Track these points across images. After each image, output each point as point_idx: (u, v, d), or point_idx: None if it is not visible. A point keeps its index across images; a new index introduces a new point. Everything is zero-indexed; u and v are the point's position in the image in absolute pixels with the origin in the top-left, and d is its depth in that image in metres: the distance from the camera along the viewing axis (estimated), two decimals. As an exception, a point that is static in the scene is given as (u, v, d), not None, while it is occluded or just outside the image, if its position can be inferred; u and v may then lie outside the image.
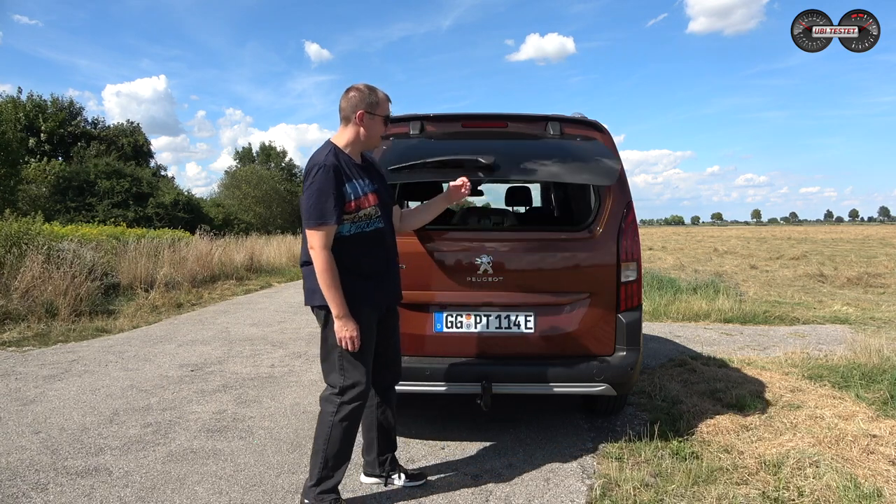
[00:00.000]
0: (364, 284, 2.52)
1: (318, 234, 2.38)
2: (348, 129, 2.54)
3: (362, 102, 2.51)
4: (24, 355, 5.66)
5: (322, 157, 2.44)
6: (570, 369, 3.11)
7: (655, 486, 2.75)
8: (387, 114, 2.60)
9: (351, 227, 2.48)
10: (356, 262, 2.49)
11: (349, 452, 2.56)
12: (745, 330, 7.08)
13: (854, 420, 3.47)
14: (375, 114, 2.54)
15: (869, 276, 12.71)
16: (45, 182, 25.57)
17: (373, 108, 2.53)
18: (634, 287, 3.22)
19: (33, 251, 7.93)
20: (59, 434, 3.52)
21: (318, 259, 2.38)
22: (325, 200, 2.37)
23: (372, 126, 2.54)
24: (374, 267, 2.56)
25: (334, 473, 2.51)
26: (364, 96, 2.52)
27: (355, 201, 2.46)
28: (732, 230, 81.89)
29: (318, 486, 2.49)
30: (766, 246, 27.68)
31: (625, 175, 3.36)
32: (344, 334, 2.42)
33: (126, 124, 37.11)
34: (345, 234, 2.47)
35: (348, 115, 2.52)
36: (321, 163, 2.42)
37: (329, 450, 2.49)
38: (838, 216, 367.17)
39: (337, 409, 2.50)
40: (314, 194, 2.38)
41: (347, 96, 2.53)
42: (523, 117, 3.49)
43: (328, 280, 2.38)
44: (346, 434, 2.51)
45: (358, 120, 2.51)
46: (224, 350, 6.00)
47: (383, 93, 2.58)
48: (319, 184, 2.38)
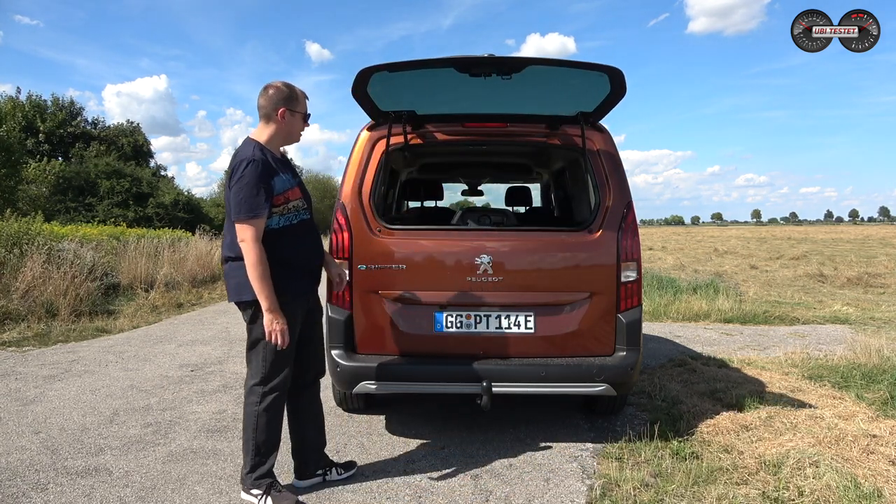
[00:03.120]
0: (292, 276, 2.59)
1: (249, 227, 2.43)
2: (269, 125, 2.60)
3: (282, 100, 2.57)
4: (24, 355, 5.66)
5: (249, 152, 2.50)
6: (570, 369, 3.11)
7: (655, 486, 2.75)
8: (306, 110, 2.68)
9: (280, 219, 2.56)
10: (285, 254, 2.56)
11: (278, 438, 2.65)
12: (745, 330, 7.08)
13: (854, 420, 3.47)
14: (296, 111, 2.62)
15: (869, 276, 12.70)
16: (45, 182, 25.57)
17: (293, 104, 2.60)
18: (634, 287, 3.22)
19: (33, 251, 7.93)
20: (59, 434, 3.52)
21: (250, 252, 2.42)
22: (256, 194, 2.43)
23: (292, 122, 2.63)
24: (302, 259, 2.65)
25: (266, 460, 2.62)
26: (283, 94, 2.58)
27: (283, 194, 2.55)
28: (732, 230, 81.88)
29: (254, 473, 2.61)
30: (766, 246, 27.67)
31: (625, 175, 3.37)
32: (274, 327, 2.46)
33: (126, 124, 37.17)
34: (274, 227, 2.54)
35: (269, 113, 2.58)
36: (249, 158, 2.47)
37: (258, 438, 2.59)
38: (838, 216, 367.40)
39: (260, 399, 2.59)
40: (244, 188, 2.43)
41: (267, 94, 2.59)
42: (524, 117, 3.49)
43: (260, 272, 2.42)
44: (271, 422, 2.61)
45: (279, 117, 2.58)
46: (224, 350, 6.00)
47: (301, 90, 2.66)
48: (249, 178, 2.43)
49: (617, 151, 3.42)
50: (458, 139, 3.59)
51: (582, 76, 2.95)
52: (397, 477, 2.94)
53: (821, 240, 34.46)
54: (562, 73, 2.96)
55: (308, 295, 2.72)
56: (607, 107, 3.25)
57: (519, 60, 2.86)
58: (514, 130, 3.53)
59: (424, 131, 3.51)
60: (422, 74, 2.96)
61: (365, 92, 3.03)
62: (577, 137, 3.40)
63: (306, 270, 2.68)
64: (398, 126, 3.39)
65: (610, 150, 3.40)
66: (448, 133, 3.53)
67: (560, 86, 3.11)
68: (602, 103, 3.21)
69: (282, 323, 2.47)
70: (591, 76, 2.93)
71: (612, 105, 3.23)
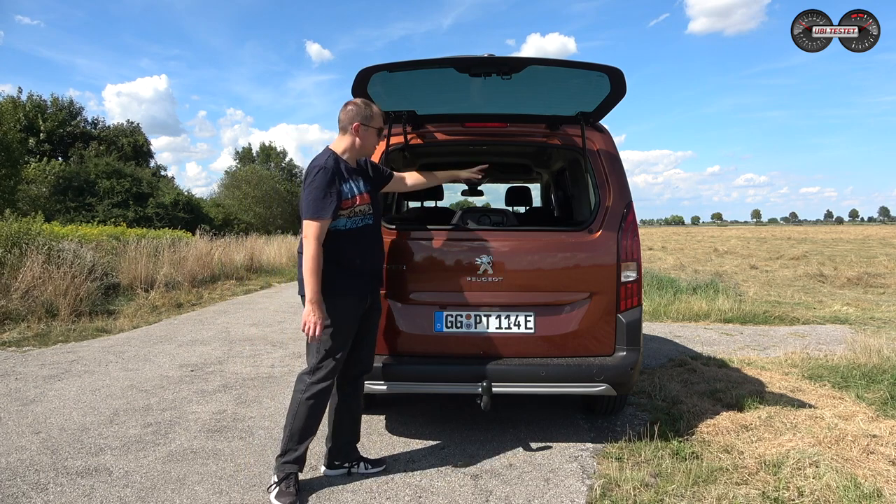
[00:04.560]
0: (354, 276, 2.79)
1: (313, 225, 2.63)
2: (345, 138, 2.82)
3: (358, 115, 2.79)
4: (24, 355, 5.66)
5: (323, 160, 2.73)
6: (570, 369, 3.11)
7: (655, 486, 2.75)
8: (380, 126, 2.87)
9: (346, 222, 2.77)
10: (348, 254, 2.77)
11: (315, 428, 2.79)
12: (745, 330, 7.08)
13: (854, 420, 3.47)
14: (370, 126, 2.81)
15: (869, 276, 12.70)
16: (45, 182, 25.57)
17: (367, 120, 2.80)
18: (634, 287, 3.22)
19: (33, 251, 7.93)
20: (59, 434, 3.52)
21: (309, 247, 2.62)
22: (323, 197, 2.64)
23: (366, 137, 2.82)
24: (364, 259, 2.83)
25: (298, 446, 2.75)
26: (360, 110, 2.80)
27: (351, 199, 2.76)
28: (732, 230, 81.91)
29: (283, 457, 2.75)
30: (766, 246, 27.67)
31: (625, 175, 3.37)
32: (310, 319, 2.61)
33: (126, 124, 37.17)
34: (341, 229, 2.75)
35: (345, 126, 2.81)
36: (321, 165, 2.70)
37: (295, 424, 2.73)
38: (838, 216, 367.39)
39: (306, 388, 2.75)
40: (313, 191, 2.65)
41: (346, 109, 2.81)
42: (524, 117, 3.49)
43: (312, 266, 2.61)
44: (312, 412, 2.74)
45: (354, 131, 2.79)
46: (224, 350, 6.00)
47: (378, 108, 2.87)
48: (319, 182, 2.66)
49: (617, 151, 3.42)
50: (459, 139, 3.59)
51: (582, 76, 2.95)
52: (397, 477, 2.94)
53: (821, 240, 34.49)
54: (562, 73, 2.96)
55: (368, 294, 2.88)
56: (607, 107, 3.25)
57: (519, 60, 2.86)
58: (514, 130, 3.53)
59: (424, 131, 3.51)
60: (422, 74, 2.97)
61: (365, 92, 3.04)
62: (577, 137, 3.41)
63: (367, 271, 2.85)
64: (398, 126, 3.40)
65: (610, 150, 3.40)
66: (448, 133, 3.53)
67: (560, 86, 3.11)
68: (602, 103, 3.21)
69: (319, 317, 2.61)
70: (591, 76, 2.93)
71: (612, 105, 3.23)
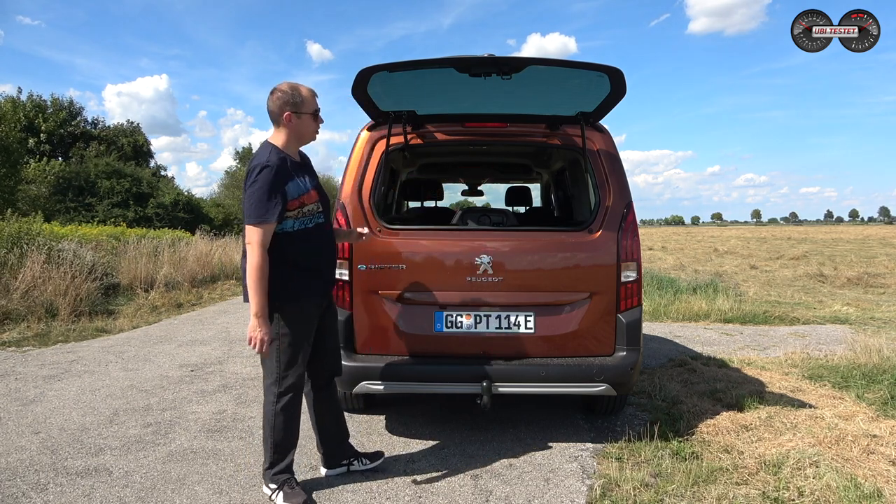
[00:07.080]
0: (308, 278, 2.63)
1: (257, 231, 2.44)
2: (280, 130, 2.61)
3: (287, 104, 2.56)
4: (24, 355, 5.66)
5: (265, 157, 2.51)
6: (570, 369, 3.11)
7: (655, 486, 2.75)
8: (315, 108, 2.64)
9: (295, 223, 2.58)
10: (300, 256, 2.60)
11: (295, 436, 2.73)
12: (745, 330, 7.07)
13: (854, 420, 3.47)
14: (302, 112, 2.59)
15: (869, 276, 12.71)
16: (45, 182, 25.56)
17: (298, 107, 2.58)
18: (634, 287, 3.22)
19: (33, 251, 7.93)
20: (59, 434, 3.52)
21: (253, 255, 2.44)
22: (268, 199, 2.44)
23: (301, 125, 2.61)
24: (317, 261, 2.68)
25: (284, 457, 2.70)
26: (288, 97, 2.56)
27: (298, 198, 2.56)
28: (732, 230, 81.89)
29: (272, 469, 2.70)
30: (766, 246, 27.67)
31: (625, 175, 3.37)
32: (256, 334, 2.45)
33: (126, 124, 37.14)
34: (289, 231, 2.57)
35: (277, 118, 2.59)
36: (263, 163, 2.48)
37: (276, 436, 2.66)
38: (838, 216, 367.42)
39: (276, 399, 2.64)
40: (256, 192, 2.44)
41: (272, 99, 2.57)
42: (524, 117, 3.49)
43: (257, 277, 2.43)
44: (288, 422, 2.67)
45: (286, 121, 2.57)
46: (224, 350, 5.99)
47: (307, 89, 2.62)
48: (262, 182, 2.44)
49: (617, 151, 3.42)
50: (459, 139, 3.59)
51: (582, 76, 2.95)
52: (397, 477, 2.94)
53: (821, 240, 34.49)
54: (562, 73, 2.96)
55: (323, 297, 2.76)
56: (607, 107, 3.25)
57: (519, 60, 2.86)
58: (514, 130, 3.53)
59: (424, 131, 3.51)
60: (422, 74, 2.97)
61: (365, 92, 3.03)
62: (577, 137, 3.40)
63: (321, 273, 2.71)
64: (398, 126, 3.39)
65: (610, 150, 3.40)
66: (448, 133, 3.53)
67: (560, 86, 3.11)
68: (602, 103, 3.20)
69: (265, 332, 2.46)
70: (592, 76, 2.93)
71: (612, 105, 3.23)
